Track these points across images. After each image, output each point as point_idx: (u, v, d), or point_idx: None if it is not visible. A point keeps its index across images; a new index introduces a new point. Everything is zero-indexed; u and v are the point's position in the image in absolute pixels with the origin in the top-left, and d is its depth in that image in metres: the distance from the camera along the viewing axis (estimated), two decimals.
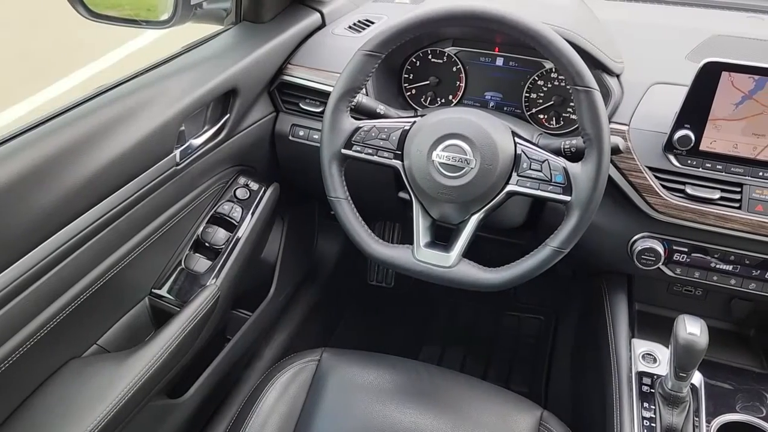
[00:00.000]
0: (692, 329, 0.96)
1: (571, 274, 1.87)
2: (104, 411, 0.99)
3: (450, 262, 1.05)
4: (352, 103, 1.12)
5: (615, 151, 1.08)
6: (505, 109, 1.34)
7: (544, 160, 1.01)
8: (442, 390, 1.19)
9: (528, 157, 1.02)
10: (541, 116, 1.31)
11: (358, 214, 1.11)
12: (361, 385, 1.17)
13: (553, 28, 1.03)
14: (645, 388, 1.11)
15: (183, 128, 1.14)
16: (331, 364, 1.21)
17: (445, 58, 1.34)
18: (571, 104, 1.27)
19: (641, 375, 1.13)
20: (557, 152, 1.10)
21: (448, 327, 2.01)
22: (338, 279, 1.95)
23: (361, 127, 1.09)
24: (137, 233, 1.10)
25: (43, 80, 4.13)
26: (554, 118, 1.30)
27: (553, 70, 1.27)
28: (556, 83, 1.28)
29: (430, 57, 1.35)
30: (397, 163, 1.08)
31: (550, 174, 1.01)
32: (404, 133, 1.08)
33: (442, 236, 1.11)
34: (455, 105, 1.37)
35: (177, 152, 1.12)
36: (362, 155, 1.09)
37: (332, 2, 1.48)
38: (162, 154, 1.09)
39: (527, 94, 1.31)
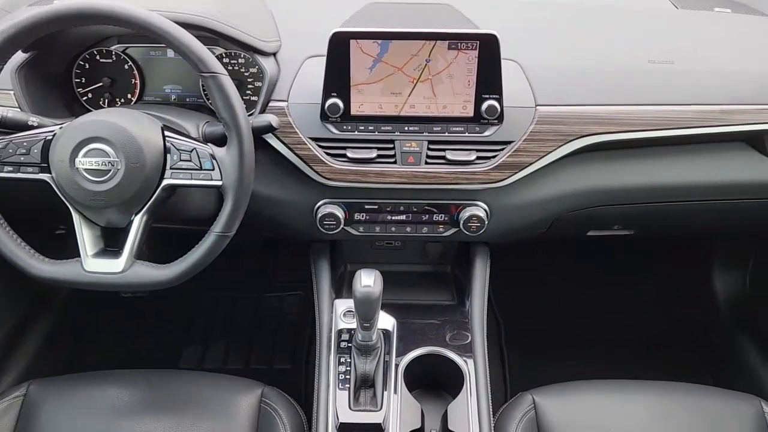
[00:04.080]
0: (367, 281, 1.04)
1: None
2: None
3: (121, 267, 1.04)
4: None
5: (269, 128, 1.12)
6: (187, 100, 1.33)
7: (192, 150, 1.03)
8: (161, 392, 1.18)
9: (177, 149, 1.03)
10: None
11: (13, 234, 1.05)
12: (75, 410, 1.12)
13: (176, 16, 1.03)
14: (343, 344, 1.19)
15: None
16: (39, 396, 1.14)
17: (113, 57, 1.29)
18: (249, 86, 1.29)
19: (341, 332, 1.21)
20: (221, 138, 1.12)
21: (209, 323, 2.00)
22: (83, 299, 1.84)
23: None
24: None
25: None
26: None
27: (224, 55, 1.28)
28: (230, 68, 1.29)
29: (98, 58, 1.30)
30: (45, 176, 1.03)
31: (200, 162, 1.02)
32: (47, 144, 1.02)
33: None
34: (135, 103, 1.33)
35: None
36: (2, 174, 1.02)
37: None
38: None
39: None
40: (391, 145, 1.18)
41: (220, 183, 1.02)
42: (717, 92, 1.25)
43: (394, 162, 1.18)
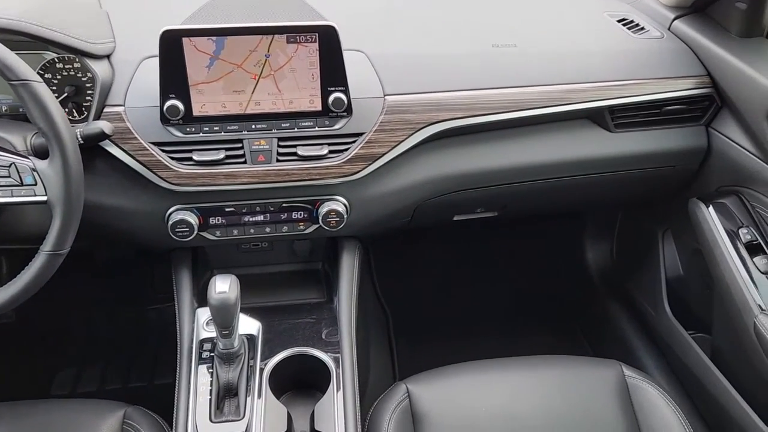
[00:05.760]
0: (221, 287, 1.00)
1: None
2: None
3: None
4: None
5: (102, 136, 1.06)
6: (21, 110, 1.23)
7: (11, 164, 0.95)
8: (11, 426, 1.09)
9: None
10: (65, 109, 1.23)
11: None
12: None
13: None
14: (206, 354, 1.14)
15: None
16: None
17: None
18: (89, 92, 1.21)
19: (203, 342, 1.16)
20: None
21: (86, 344, 1.89)
22: None
23: None
24: None
25: None
26: (75, 110, 1.23)
27: (57, 60, 1.20)
28: (65, 73, 1.21)
29: None
30: None
31: (20, 177, 0.95)
32: None
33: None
34: None
35: None
36: None
37: None
38: None
39: None
40: (240, 145, 1.15)
41: (44, 198, 0.95)
42: (559, 73, 1.29)
43: (244, 162, 1.15)
